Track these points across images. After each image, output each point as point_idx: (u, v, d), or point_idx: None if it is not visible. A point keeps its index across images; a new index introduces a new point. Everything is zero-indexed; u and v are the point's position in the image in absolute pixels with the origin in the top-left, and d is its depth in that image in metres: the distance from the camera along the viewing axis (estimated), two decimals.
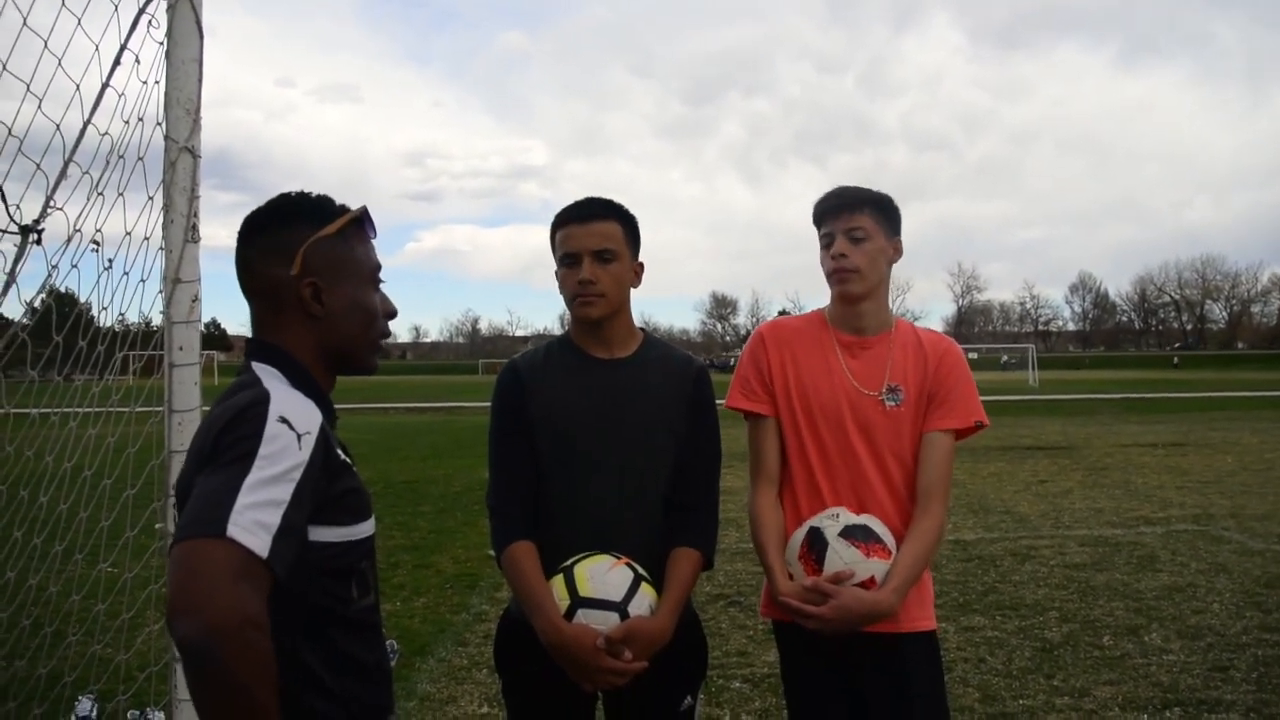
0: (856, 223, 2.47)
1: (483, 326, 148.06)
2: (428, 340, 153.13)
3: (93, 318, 3.25)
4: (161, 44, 2.44)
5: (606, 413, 2.36)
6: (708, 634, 2.55)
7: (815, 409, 2.50)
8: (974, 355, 72.51)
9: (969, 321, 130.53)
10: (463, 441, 18.52)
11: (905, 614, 2.41)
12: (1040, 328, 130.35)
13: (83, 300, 3.07)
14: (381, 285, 1.76)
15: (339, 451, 1.57)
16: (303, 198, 1.69)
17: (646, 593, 2.22)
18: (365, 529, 1.63)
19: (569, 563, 2.24)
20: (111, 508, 3.29)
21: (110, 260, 2.69)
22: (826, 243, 2.51)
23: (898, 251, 2.56)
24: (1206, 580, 6.92)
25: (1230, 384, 44.25)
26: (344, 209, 1.70)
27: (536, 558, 2.29)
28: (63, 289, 2.90)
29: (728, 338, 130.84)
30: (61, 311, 3.01)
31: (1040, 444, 16.95)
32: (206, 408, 1.72)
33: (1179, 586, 6.76)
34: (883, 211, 2.51)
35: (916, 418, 2.50)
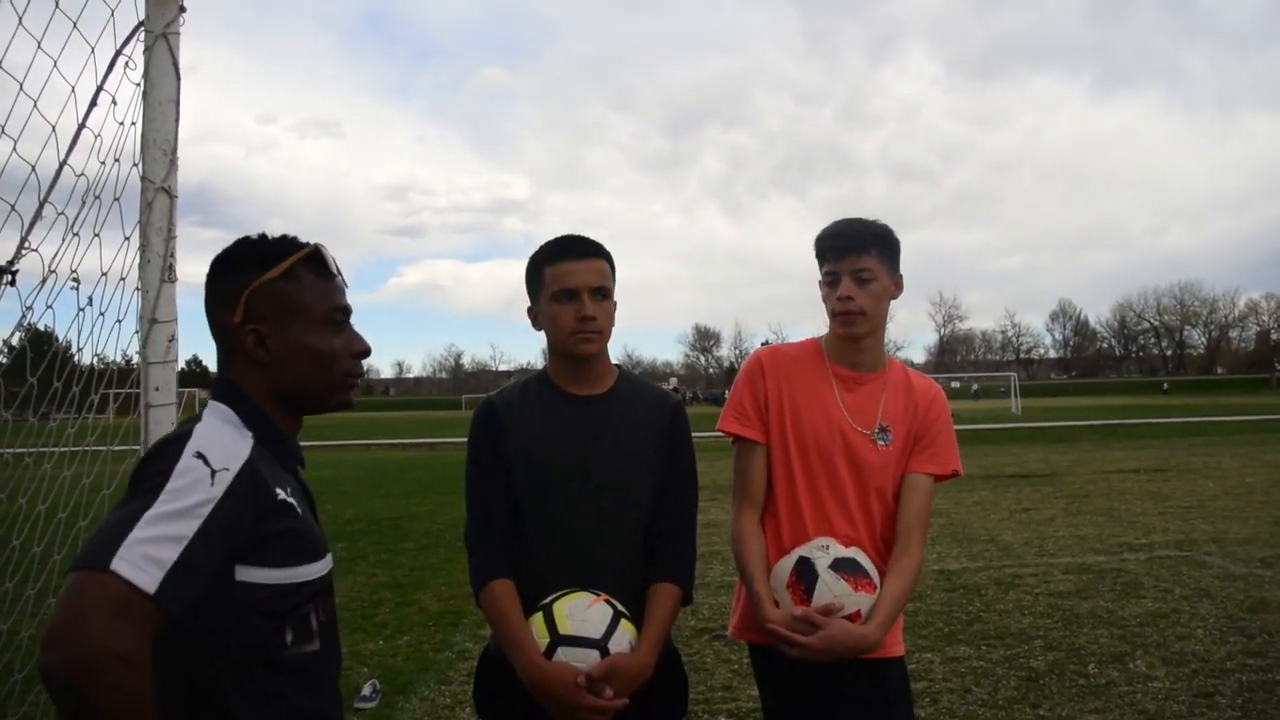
0: (864, 264, 2.48)
1: (466, 361, 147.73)
2: (411, 376, 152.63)
3: (70, 356, 3.23)
4: (138, 85, 2.45)
5: (584, 449, 2.36)
6: (692, 668, 2.55)
7: (809, 440, 2.53)
8: (955, 384, 72.96)
9: (951, 350, 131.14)
10: (446, 477, 18.41)
11: (886, 639, 2.43)
12: (1022, 355, 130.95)
13: (61, 339, 3.06)
14: (345, 323, 1.70)
15: (280, 491, 1.53)
16: (254, 241, 1.67)
17: (626, 629, 2.21)
18: (309, 572, 1.58)
19: (548, 600, 2.23)
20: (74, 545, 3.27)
21: (90, 298, 2.68)
22: (831, 280, 2.52)
23: (899, 287, 2.59)
24: (1190, 606, 6.93)
25: (1210, 409, 44.55)
26: (294, 246, 1.67)
27: (515, 596, 2.28)
28: (41, 327, 2.89)
29: (711, 370, 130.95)
30: (38, 350, 3.00)
31: (1024, 472, 16.99)
32: None
33: (1163, 613, 6.77)
34: (887, 248, 2.53)
35: (902, 458, 2.55)
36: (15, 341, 3.09)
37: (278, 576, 1.51)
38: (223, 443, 1.47)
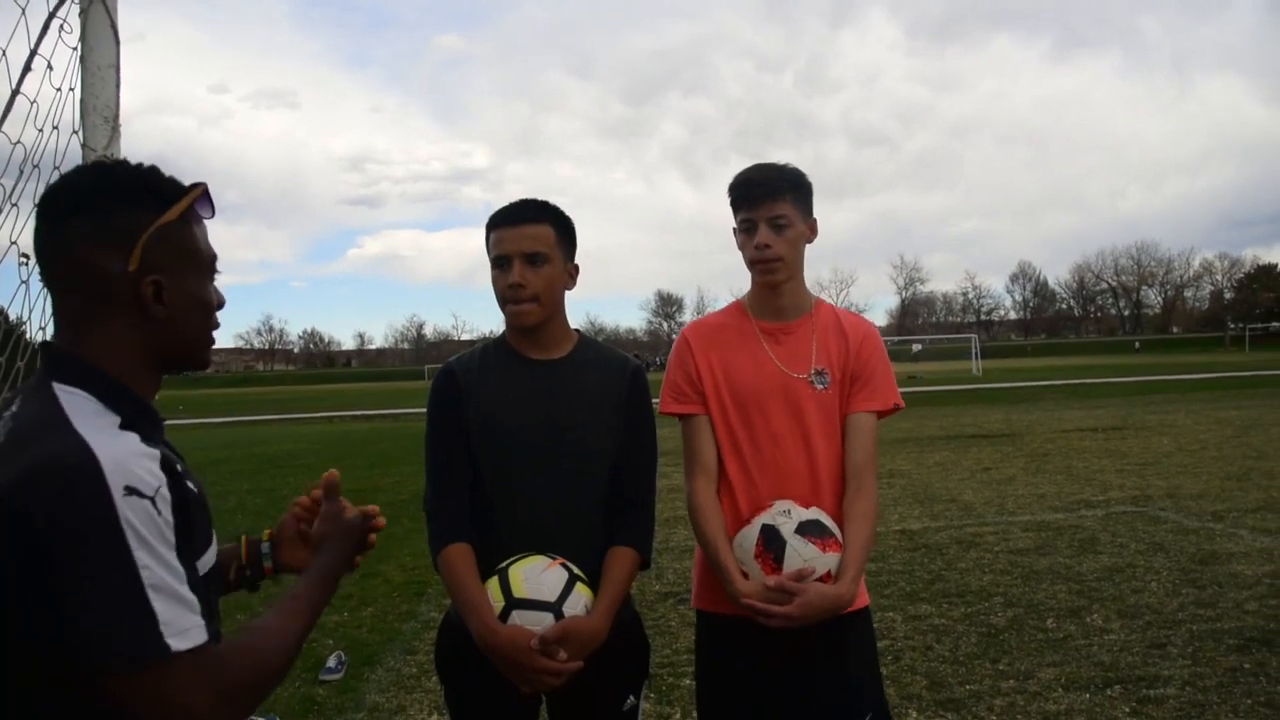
0: (779, 210, 2.46)
1: (428, 331, 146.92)
2: (373, 347, 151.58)
3: (23, 334, 3.15)
4: (75, 50, 2.37)
5: (542, 414, 2.35)
6: (657, 632, 2.56)
7: (746, 398, 2.52)
8: (918, 346, 73.52)
9: (913, 313, 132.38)
10: (409, 448, 18.31)
11: None
12: (983, 317, 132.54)
13: (11, 316, 2.98)
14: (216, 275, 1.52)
15: (188, 483, 1.35)
16: (132, 172, 1.41)
17: (582, 593, 2.21)
18: (209, 559, 1.40)
19: (504, 564, 2.23)
20: None
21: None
22: (746, 228, 2.51)
23: (813, 231, 2.58)
24: (1145, 560, 7.08)
25: (1166, 368, 45.34)
26: (178, 184, 1.44)
27: (472, 560, 2.28)
28: None
29: (674, 336, 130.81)
30: None
31: (984, 432, 17.22)
32: None
33: (1119, 567, 6.90)
34: (801, 193, 2.52)
35: (842, 399, 2.54)
36: None
37: (200, 566, 1.34)
38: (134, 460, 1.24)
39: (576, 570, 2.23)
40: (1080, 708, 4.40)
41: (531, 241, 2.31)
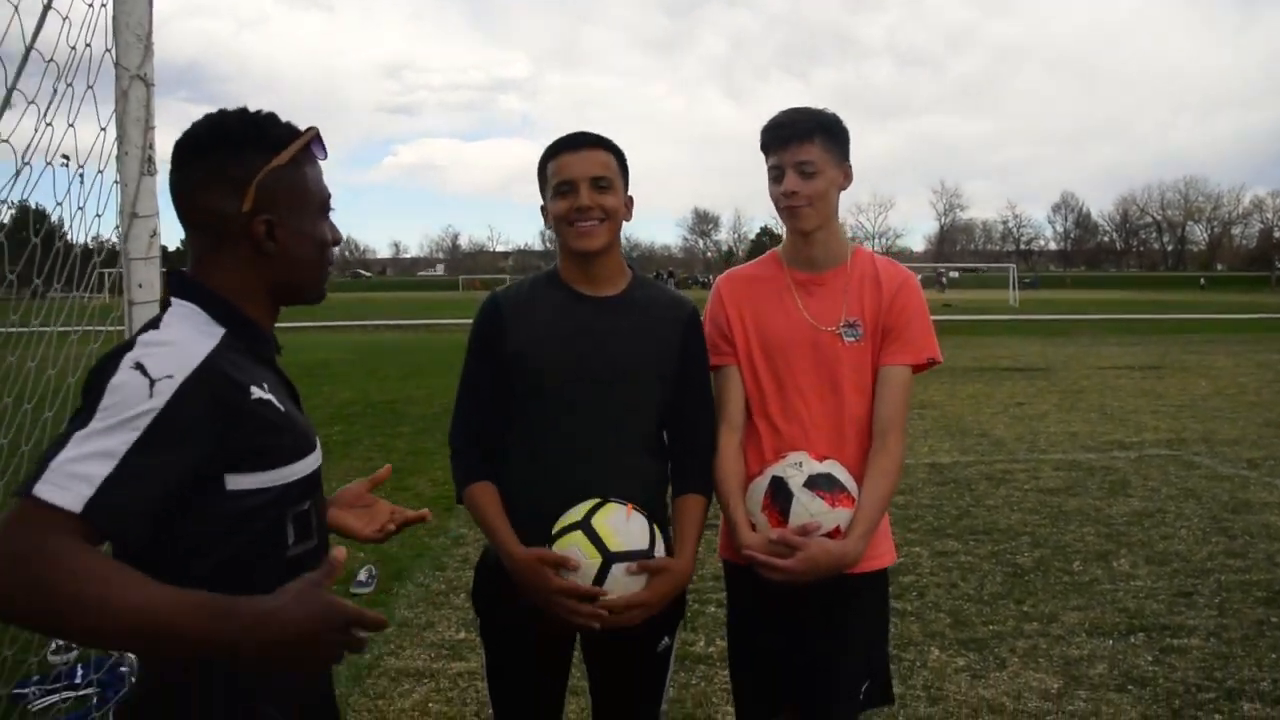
0: (806, 154, 2.39)
1: (463, 242, 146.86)
2: (407, 256, 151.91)
3: (63, 234, 3.16)
4: None
5: (589, 351, 2.31)
6: None
7: (774, 348, 2.48)
8: (955, 274, 72.62)
9: (951, 240, 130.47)
10: (442, 360, 18.43)
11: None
12: (1022, 247, 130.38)
13: (52, 218, 2.99)
14: (330, 213, 1.64)
15: (256, 389, 1.47)
16: (248, 119, 1.53)
17: (658, 535, 2.25)
18: (301, 469, 1.54)
19: (580, 518, 2.19)
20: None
21: (82, 175, 2.59)
22: (775, 175, 2.45)
23: (848, 178, 2.50)
24: (1176, 505, 7.02)
25: (1208, 306, 44.57)
26: (292, 129, 1.56)
27: (494, 495, 2.31)
28: (33, 205, 2.81)
29: (709, 254, 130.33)
30: (33, 229, 2.92)
31: (1018, 365, 17.06)
32: None
33: (1149, 512, 6.86)
34: (832, 137, 2.44)
35: (875, 351, 2.48)
36: (6, 220, 3.01)
37: (269, 479, 1.48)
38: (170, 347, 1.39)
39: (644, 511, 2.24)
40: (1103, 654, 4.40)
41: (598, 166, 2.29)
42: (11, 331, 3.35)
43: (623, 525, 2.18)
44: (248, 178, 1.48)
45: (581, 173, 2.28)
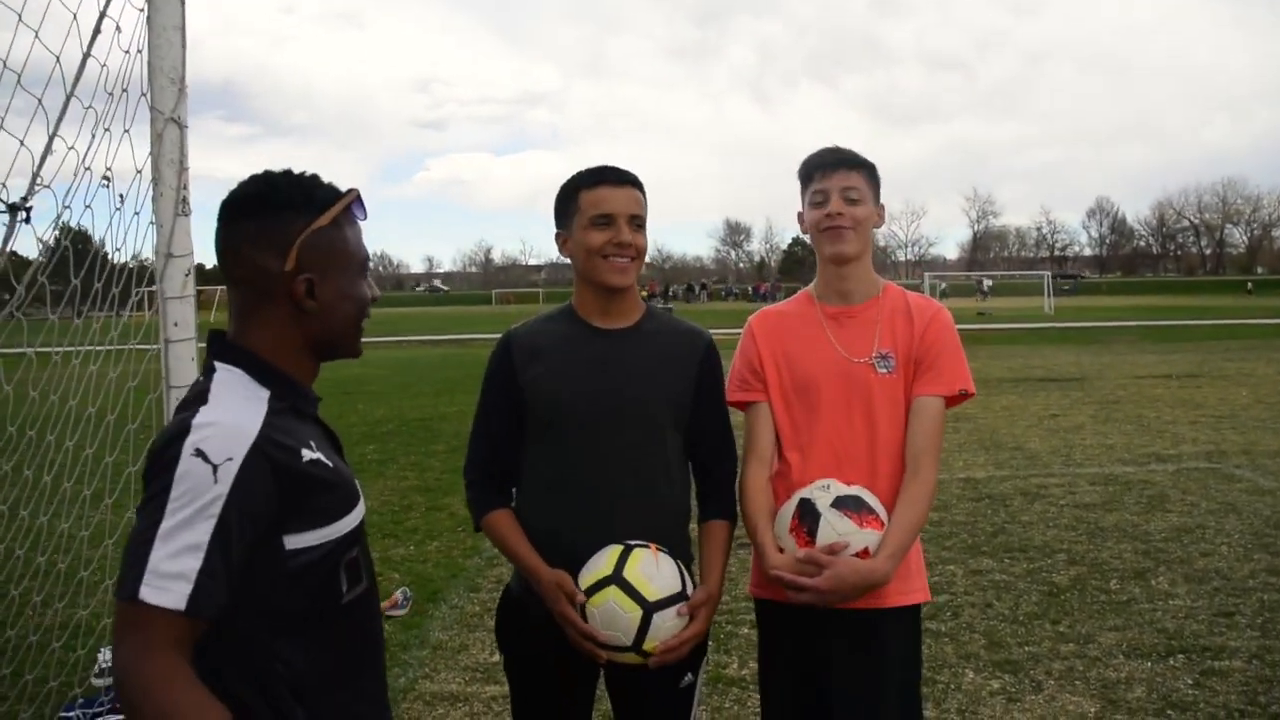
0: (852, 182, 2.48)
1: (496, 256, 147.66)
2: (441, 270, 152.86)
3: (105, 255, 3.24)
4: (142, 10, 2.37)
5: (605, 383, 2.34)
6: None
7: (806, 381, 2.50)
8: (989, 282, 71.93)
9: (984, 247, 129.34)
10: (476, 375, 18.26)
11: (889, 588, 2.36)
12: (1056, 253, 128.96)
13: (96, 239, 3.08)
14: (369, 270, 1.71)
15: (305, 451, 1.54)
16: (293, 181, 1.60)
17: (685, 572, 2.28)
18: (350, 521, 1.62)
19: (611, 571, 2.20)
20: (125, 448, 3.36)
21: (122, 196, 2.66)
22: (818, 200, 2.50)
23: (881, 218, 2.58)
24: (1216, 521, 6.91)
25: (1247, 311, 43.85)
26: (334, 190, 1.62)
27: (512, 521, 2.38)
28: (75, 226, 2.90)
29: (741, 265, 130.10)
30: (76, 250, 3.00)
31: (1053, 375, 16.87)
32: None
33: (1188, 528, 6.76)
34: (872, 176, 2.54)
35: (908, 383, 2.49)
36: (52, 241, 3.10)
37: (323, 535, 1.55)
38: (224, 427, 1.45)
39: (665, 550, 2.27)
40: (1141, 676, 4.34)
41: (635, 204, 2.35)
42: (67, 350, 3.44)
43: (654, 571, 2.20)
44: (291, 238, 1.55)
45: (622, 209, 2.32)
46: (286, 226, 1.55)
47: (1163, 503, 7.50)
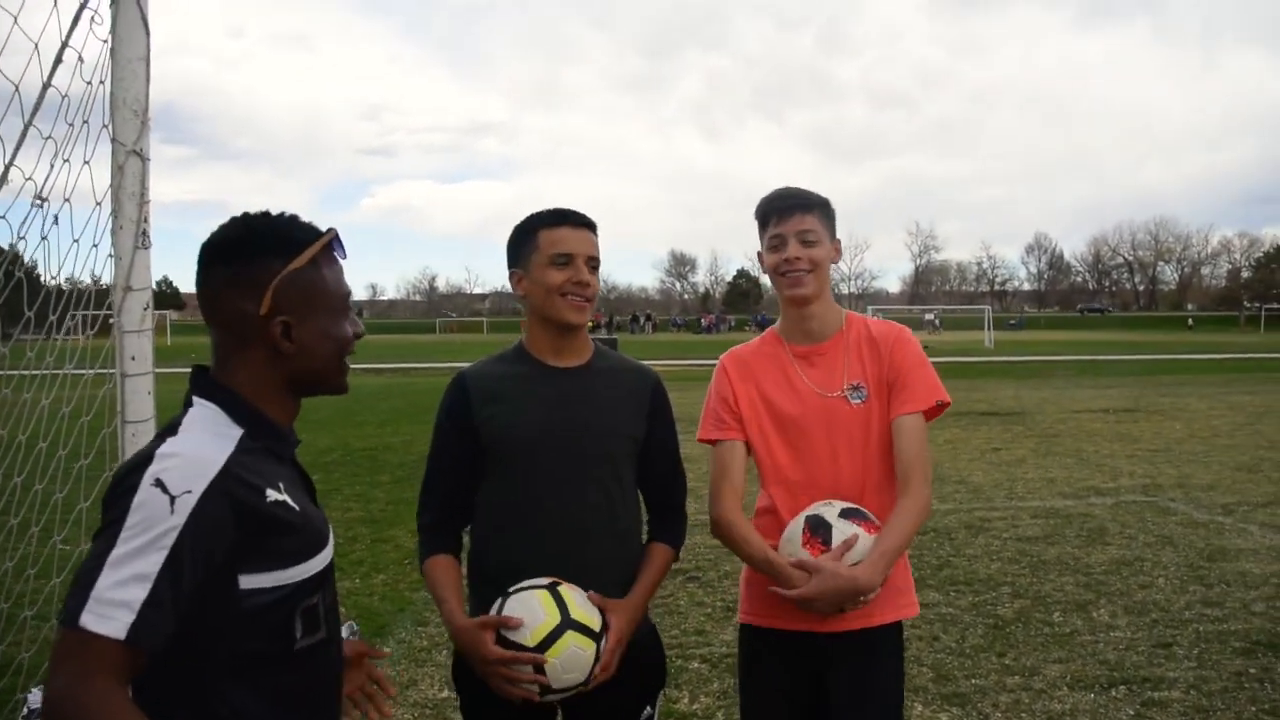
0: (807, 224, 2.53)
1: (440, 284, 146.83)
2: (384, 299, 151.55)
3: (38, 277, 3.19)
4: (105, 42, 2.35)
5: (564, 422, 2.37)
6: (666, 611, 2.63)
7: (785, 420, 2.56)
8: (929, 316, 73.28)
9: (926, 281, 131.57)
10: (420, 405, 18.39)
11: (876, 606, 2.41)
12: (997, 288, 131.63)
13: (27, 259, 3.03)
14: (351, 308, 1.70)
15: (272, 491, 1.52)
16: (269, 224, 1.60)
17: (609, 627, 2.25)
18: (313, 566, 1.60)
19: (545, 583, 2.21)
20: (65, 481, 3.28)
21: (56, 218, 2.62)
22: (776, 244, 2.56)
23: (838, 253, 2.64)
24: (1153, 554, 7.08)
25: (1179, 346, 45.10)
26: (312, 231, 1.62)
27: (450, 567, 2.38)
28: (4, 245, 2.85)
29: (686, 296, 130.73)
30: (8, 272, 2.95)
31: (995, 409, 17.17)
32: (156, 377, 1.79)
33: (1127, 560, 6.91)
34: (827, 214, 2.60)
35: (883, 409, 2.55)
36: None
37: (281, 578, 1.52)
38: (186, 459, 1.44)
39: (562, 589, 2.23)
40: (1085, 708, 4.43)
41: (593, 247, 2.40)
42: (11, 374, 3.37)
43: (583, 598, 2.22)
44: (265, 282, 1.55)
45: (582, 249, 2.37)
46: (262, 271, 1.55)
47: (1102, 535, 7.66)
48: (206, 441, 1.49)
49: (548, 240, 2.37)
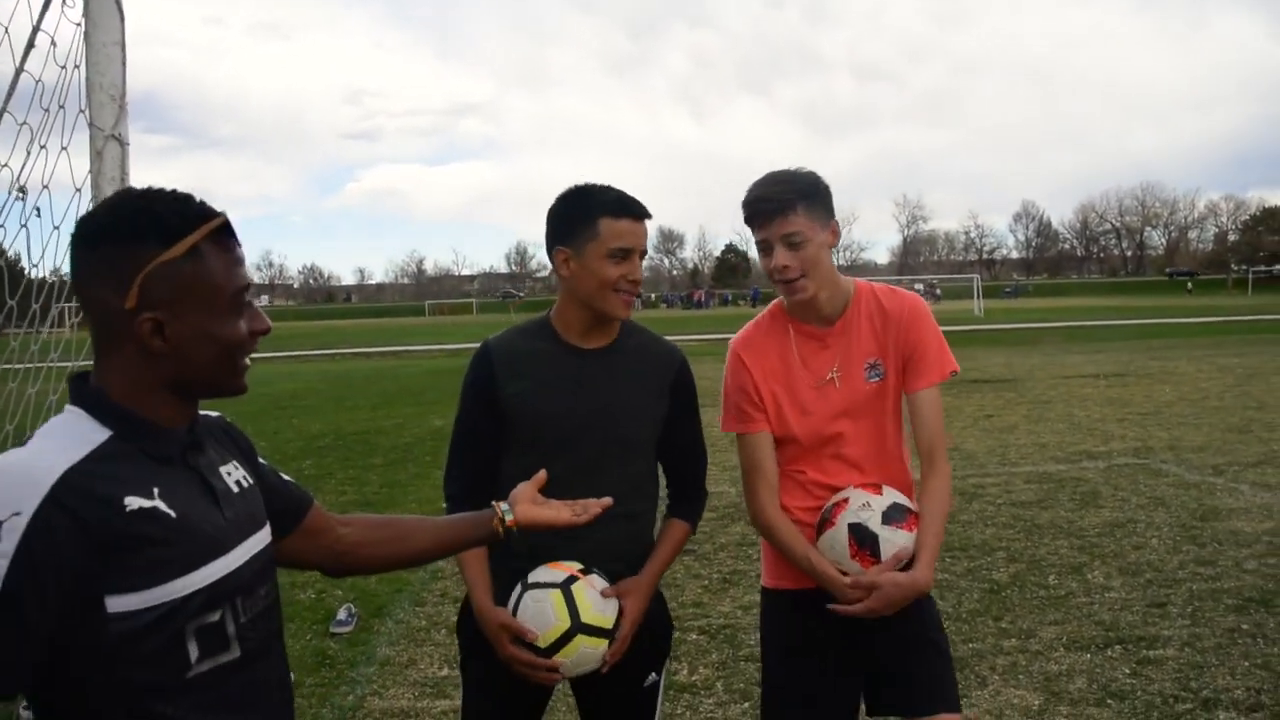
0: (791, 227, 2.38)
1: (428, 267, 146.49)
2: (372, 283, 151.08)
3: (22, 269, 3.15)
4: (79, 26, 2.32)
5: (586, 402, 2.35)
6: (663, 585, 2.60)
7: (806, 403, 2.52)
8: (918, 286, 73.35)
9: (914, 251, 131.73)
10: (412, 388, 18.42)
11: None
12: (985, 256, 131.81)
13: (9, 252, 2.99)
14: (248, 303, 1.45)
15: (133, 499, 1.30)
16: (147, 203, 1.36)
17: (624, 616, 2.28)
18: (200, 579, 1.36)
19: (570, 624, 2.19)
20: None
21: (37, 209, 2.59)
22: (764, 249, 2.46)
23: (836, 235, 2.49)
24: (1146, 515, 7.13)
25: (1168, 310, 45.25)
26: (195, 216, 1.37)
27: (479, 549, 2.35)
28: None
29: (675, 272, 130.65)
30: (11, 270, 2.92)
31: (986, 377, 17.22)
32: None
33: (1120, 522, 6.96)
34: (813, 201, 2.42)
35: (898, 383, 2.55)
36: None
37: (153, 597, 1.30)
38: (16, 474, 1.25)
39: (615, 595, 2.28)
40: (1081, 668, 4.46)
41: (647, 241, 2.36)
42: None
43: (598, 598, 2.23)
44: (133, 272, 1.33)
45: (640, 245, 2.33)
46: (130, 259, 1.32)
47: (1095, 499, 7.71)
48: (49, 450, 1.30)
49: (610, 231, 2.28)
